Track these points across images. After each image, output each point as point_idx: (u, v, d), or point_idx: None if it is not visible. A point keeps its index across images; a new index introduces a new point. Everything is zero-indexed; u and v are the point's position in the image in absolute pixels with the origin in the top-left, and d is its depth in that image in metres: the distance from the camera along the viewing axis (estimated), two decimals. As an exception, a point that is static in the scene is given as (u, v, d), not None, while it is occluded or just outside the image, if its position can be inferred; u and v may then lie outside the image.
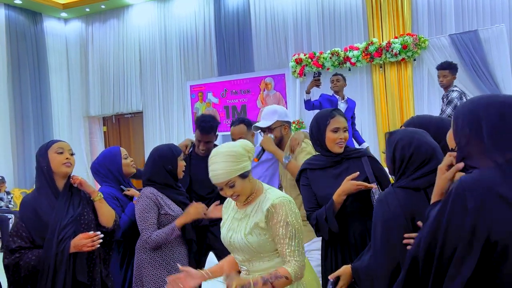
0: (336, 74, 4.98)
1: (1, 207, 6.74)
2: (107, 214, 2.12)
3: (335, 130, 2.03)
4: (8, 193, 7.11)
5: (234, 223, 1.73)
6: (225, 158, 1.61)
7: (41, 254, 1.91)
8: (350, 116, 4.86)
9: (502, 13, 5.70)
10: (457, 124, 1.15)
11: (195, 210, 2.28)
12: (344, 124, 2.07)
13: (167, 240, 2.20)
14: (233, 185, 1.62)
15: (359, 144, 4.93)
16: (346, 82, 5.01)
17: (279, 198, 1.64)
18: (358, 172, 1.92)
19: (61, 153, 2.04)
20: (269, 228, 1.64)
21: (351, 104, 4.96)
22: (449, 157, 1.22)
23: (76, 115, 8.93)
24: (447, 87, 4.35)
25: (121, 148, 2.61)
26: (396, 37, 6.21)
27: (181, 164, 2.38)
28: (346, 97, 4.95)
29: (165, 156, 2.31)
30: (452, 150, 1.23)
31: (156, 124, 8.23)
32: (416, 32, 6.15)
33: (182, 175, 2.41)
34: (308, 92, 4.72)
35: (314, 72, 4.81)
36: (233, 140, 2.84)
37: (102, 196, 2.13)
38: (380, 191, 1.90)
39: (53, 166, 2.02)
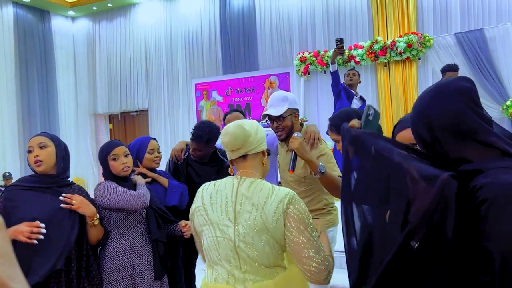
0: (352, 69, 4.91)
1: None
2: (94, 235, 2.03)
3: None
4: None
5: None
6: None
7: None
8: None
9: (508, 11, 5.66)
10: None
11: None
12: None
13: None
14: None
15: None
16: (360, 79, 4.94)
17: None
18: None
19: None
20: None
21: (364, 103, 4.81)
22: None
23: (83, 113, 9.02)
24: None
25: (151, 141, 2.57)
26: (401, 36, 6.20)
27: (114, 164, 2.18)
28: (359, 95, 4.85)
29: (99, 157, 2.25)
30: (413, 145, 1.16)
31: (161, 121, 8.28)
32: (421, 31, 6.13)
33: (124, 173, 2.20)
34: (333, 63, 4.50)
35: (337, 39, 4.43)
36: None
37: (98, 220, 2.01)
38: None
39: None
